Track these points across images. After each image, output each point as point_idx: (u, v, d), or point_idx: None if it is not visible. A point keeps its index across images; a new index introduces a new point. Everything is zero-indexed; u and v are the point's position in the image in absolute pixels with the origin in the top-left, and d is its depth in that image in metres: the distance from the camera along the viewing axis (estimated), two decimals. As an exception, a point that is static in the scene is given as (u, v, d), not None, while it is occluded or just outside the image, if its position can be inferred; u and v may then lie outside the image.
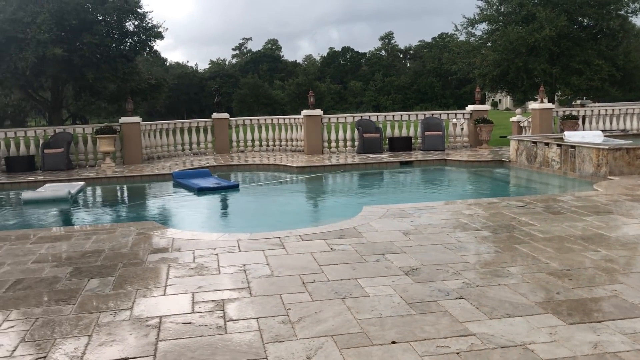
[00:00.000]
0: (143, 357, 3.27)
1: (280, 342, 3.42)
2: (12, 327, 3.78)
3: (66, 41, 21.02)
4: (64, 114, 30.81)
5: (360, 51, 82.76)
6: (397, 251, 5.31)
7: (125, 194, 12.21)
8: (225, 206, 10.06)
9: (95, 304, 4.16)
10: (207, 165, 14.13)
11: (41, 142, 14.75)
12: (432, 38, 77.69)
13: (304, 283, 4.47)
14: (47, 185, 11.52)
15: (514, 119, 16.90)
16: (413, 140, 16.15)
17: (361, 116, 16.61)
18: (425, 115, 16.72)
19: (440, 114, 16.83)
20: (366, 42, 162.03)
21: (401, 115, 16.70)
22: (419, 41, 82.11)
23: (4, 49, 19.83)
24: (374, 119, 16.42)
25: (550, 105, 15.85)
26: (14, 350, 3.41)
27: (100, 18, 22.35)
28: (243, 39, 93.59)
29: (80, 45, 21.51)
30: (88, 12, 21.41)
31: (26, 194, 10.57)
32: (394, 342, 3.38)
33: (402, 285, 4.37)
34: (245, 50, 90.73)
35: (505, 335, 3.43)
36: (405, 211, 7.14)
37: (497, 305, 3.92)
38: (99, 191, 12.20)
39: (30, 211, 9.87)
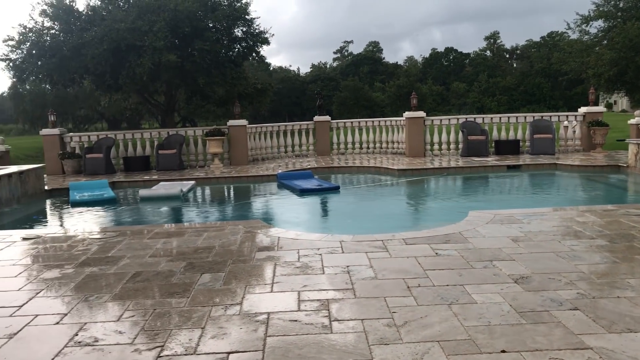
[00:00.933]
0: (253, 351, 3.38)
1: (385, 344, 3.41)
2: (132, 316, 4.03)
3: (179, 48, 22.21)
4: (175, 117, 32.53)
5: (463, 52, 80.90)
6: (505, 258, 5.13)
7: (232, 193, 12.68)
8: (326, 207, 10.19)
9: (207, 298, 4.35)
10: (309, 166, 14.38)
11: (156, 143, 15.67)
12: (541, 37, 74.53)
13: (408, 287, 4.42)
14: (161, 183, 12.25)
15: (632, 121, 15.80)
16: (521, 144, 15.55)
17: (466, 118, 16.22)
18: (534, 117, 16.02)
19: (550, 116, 16.06)
20: (470, 43, 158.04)
21: (508, 118, 16.11)
22: (527, 40, 79.14)
23: (124, 56, 21.28)
24: (479, 121, 15.97)
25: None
26: (135, 338, 3.64)
27: (210, 25, 23.41)
28: (344, 42, 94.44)
29: (192, 51, 22.65)
30: (200, 19, 22.49)
31: (143, 192, 11.28)
32: (503, 351, 3.27)
33: (512, 293, 4.22)
34: (346, 53, 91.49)
35: (626, 351, 3.21)
36: (513, 217, 6.88)
37: (616, 318, 3.68)
38: (207, 190, 12.75)
39: (146, 207, 10.51)
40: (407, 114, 16.03)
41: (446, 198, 11.05)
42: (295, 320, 3.82)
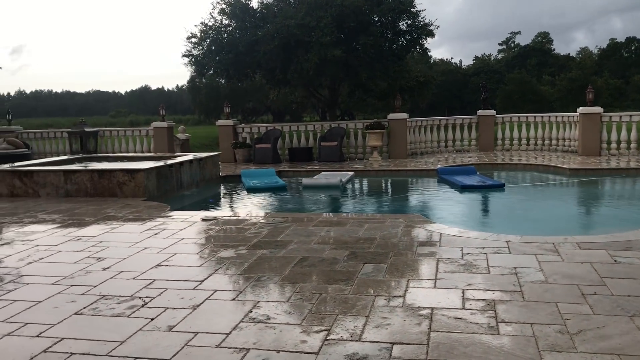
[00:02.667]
0: (417, 344, 3.38)
1: (557, 352, 3.23)
2: (300, 298, 4.23)
3: (344, 43, 22.68)
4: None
5: (648, 41, 73.08)
6: (699, 271, 4.59)
7: (390, 186, 12.75)
8: (490, 206, 9.84)
9: (370, 288, 4.43)
10: (470, 162, 13.98)
11: (318, 135, 16.22)
12: None
13: (582, 294, 4.14)
14: (322, 173, 12.69)
15: None
16: None
17: (649, 115, 14.68)
18: None
19: None
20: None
21: (702, 115, 14.31)
22: None
23: (293, 52, 22.25)
24: (666, 118, 14.38)
25: None
26: (303, 319, 3.82)
27: (375, 19, 23.61)
28: (511, 33, 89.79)
29: (356, 46, 23.03)
30: (365, 14, 22.78)
31: (306, 180, 11.80)
32: (698, 375, 2.94)
33: None
34: (512, 45, 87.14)
35: None
36: None
37: None
38: (365, 182, 12.94)
39: (309, 195, 10.97)
40: (581, 109, 14.90)
41: (625, 202, 10.12)
42: (460, 318, 3.76)
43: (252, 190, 11.19)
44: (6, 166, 10.69)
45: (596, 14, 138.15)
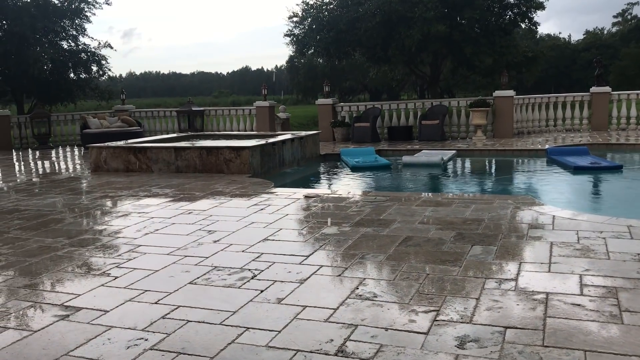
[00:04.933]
0: (531, 329, 3.23)
1: (692, 347, 2.97)
2: (406, 278, 4.18)
3: (448, 17, 22.02)
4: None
5: None
6: None
7: (495, 166, 12.30)
8: (605, 188, 9.23)
9: (479, 270, 4.29)
10: (582, 142, 13.18)
11: (419, 113, 15.91)
12: None
13: None
14: (423, 151, 12.47)
15: None
16: None
17: None
18: None
19: None
20: None
21: None
22: None
23: (395, 28, 21.92)
24: None
25: None
26: (411, 299, 3.77)
27: (482, -9, 22.76)
28: (628, 4, 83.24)
29: (461, 20, 22.31)
30: (471, -14, 22.01)
31: (406, 158, 11.65)
32: None
33: None
34: (629, 17, 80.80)
35: None
36: None
37: None
38: (468, 162, 12.57)
39: (410, 174, 10.82)
40: None
41: None
42: (579, 305, 3.55)
43: (356, 169, 11.18)
44: (122, 143, 11.37)
45: None
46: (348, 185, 9.97)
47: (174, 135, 14.06)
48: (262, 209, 6.77)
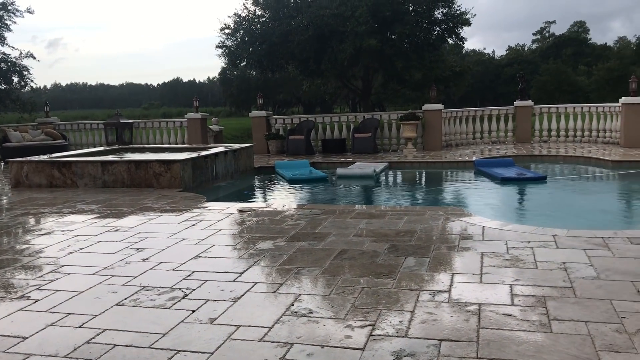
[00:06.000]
0: (465, 341, 3.26)
1: (616, 352, 3.08)
2: (342, 292, 4.14)
3: (379, 32, 22.43)
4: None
5: (691, 30, 70.64)
6: None
7: (426, 178, 12.55)
8: (531, 199, 9.58)
9: (413, 282, 4.32)
10: (507, 154, 13.68)
11: (352, 126, 16.06)
12: None
13: (638, 291, 3.95)
14: (356, 163, 12.58)
15: None
16: None
17: (698, 105, 14.14)
18: None
19: None
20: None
21: None
22: None
23: (327, 42, 22.12)
24: None
25: None
26: (347, 314, 3.73)
27: (411, 8, 23.31)
28: (545, 22, 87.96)
29: (391, 35, 22.80)
30: (400, 3, 22.50)
31: (340, 170, 11.73)
32: None
33: None
34: (547, 35, 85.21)
35: None
36: None
37: None
38: (400, 174, 12.77)
39: (344, 186, 10.87)
40: (624, 99, 14.44)
41: (672, 195, 9.75)
42: (510, 315, 3.62)
43: (293, 182, 11.12)
44: (45, 157, 10.84)
45: (635, 1, 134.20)
46: (283, 199, 9.89)
47: (101, 148, 13.55)
48: (193, 225, 6.59)
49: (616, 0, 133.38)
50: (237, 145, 12.39)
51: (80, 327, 3.65)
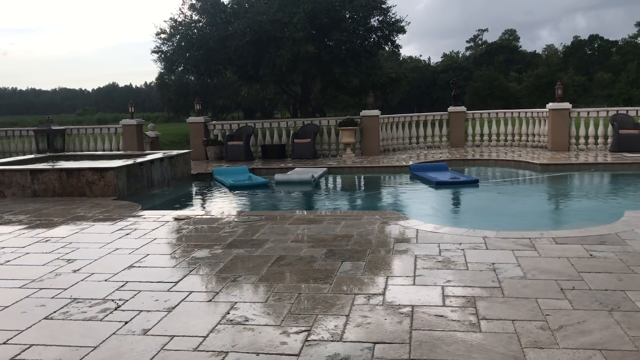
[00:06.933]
0: (399, 343, 3.33)
1: (540, 348, 3.22)
2: (279, 299, 4.15)
3: (317, 39, 22.60)
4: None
5: (610, 39, 74.69)
6: (673, 265, 4.64)
7: (364, 183, 12.73)
8: (464, 202, 9.88)
9: (349, 286, 4.37)
10: (442, 158, 14.05)
11: (291, 132, 16.11)
12: None
13: (561, 289, 4.15)
14: (295, 169, 12.62)
15: None
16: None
17: (617, 110, 14.98)
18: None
19: None
20: (618, 30, 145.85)
21: (666, 110, 14.63)
22: (687, 25, 71.15)
23: (265, 48, 22.09)
24: (632, 113, 14.67)
25: None
26: (283, 320, 3.74)
27: (347, 15, 23.61)
28: (478, 30, 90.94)
29: (329, 42, 23.01)
30: (337, 10, 22.75)
31: (278, 176, 11.74)
32: (679, 369, 2.95)
33: (684, 304, 3.80)
34: (480, 42, 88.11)
35: None
36: (678, 219, 6.22)
37: None
38: (339, 179, 12.90)
39: (283, 192, 10.88)
40: (550, 105, 15.11)
41: (596, 196, 10.27)
42: (441, 316, 3.73)
43: (234, 188, 11.03)
44: (-31, 166, 10.33)
45: (562, 12, 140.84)
46: (221, 206, 9.80)
47: (31, 156, 13.03)
48: (127, 234, 6.44)
49: (545, 10, 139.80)
50: (174, 152, 12.19)
51: (4, 343, 3.50)
